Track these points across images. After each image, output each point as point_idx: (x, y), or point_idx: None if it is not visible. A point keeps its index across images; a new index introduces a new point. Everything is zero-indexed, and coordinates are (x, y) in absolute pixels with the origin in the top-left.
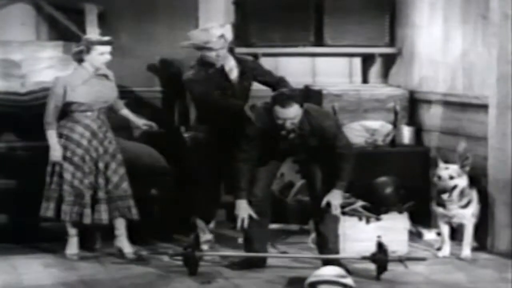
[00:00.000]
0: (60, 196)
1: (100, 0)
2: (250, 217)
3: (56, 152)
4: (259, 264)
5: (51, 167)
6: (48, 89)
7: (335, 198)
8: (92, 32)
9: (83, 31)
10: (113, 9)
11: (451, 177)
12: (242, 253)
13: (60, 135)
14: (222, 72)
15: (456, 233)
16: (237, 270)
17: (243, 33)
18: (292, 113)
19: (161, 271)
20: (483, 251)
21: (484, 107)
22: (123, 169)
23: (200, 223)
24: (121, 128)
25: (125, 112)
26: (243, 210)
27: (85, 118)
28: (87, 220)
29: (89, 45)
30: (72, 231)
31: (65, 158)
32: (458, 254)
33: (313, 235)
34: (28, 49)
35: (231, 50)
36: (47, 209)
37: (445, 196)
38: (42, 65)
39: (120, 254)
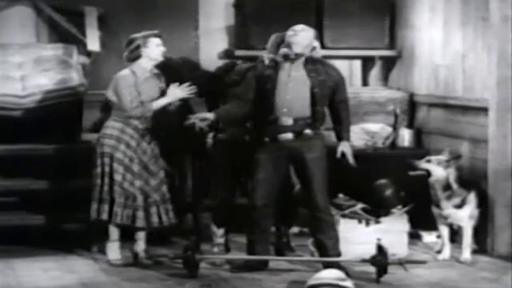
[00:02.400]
0: (112, 198)
1: (100, 2)
2: (254, 223)
3: (174, 93)
4: (261, 267)
5: (101, 168)
6: (49, 91)
7: (348, 148)
8: (92, 34)
9: (83, 33)
10: (113, 11)
11: (428, 161)
12: (243, 256)
13: (110, 136)
14: None
15: (456, 235)
16: (237, 273)
17: (243, 35)
18: (302, 36)
19: (161, 274)
20: (483, 254)
21: (484, 109)
22: (163, 172)
23: (213, 226)
24: None
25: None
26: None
27: (135, 119)
28: (140, 223)
29: (145, 39)
30: (115, 235)
31: (115, 159)
32: (458, 257)
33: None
34: (28, 51)
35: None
36: (101, 212)
37: (410, 171)
38: (42, 67)
39: (135, 258)
